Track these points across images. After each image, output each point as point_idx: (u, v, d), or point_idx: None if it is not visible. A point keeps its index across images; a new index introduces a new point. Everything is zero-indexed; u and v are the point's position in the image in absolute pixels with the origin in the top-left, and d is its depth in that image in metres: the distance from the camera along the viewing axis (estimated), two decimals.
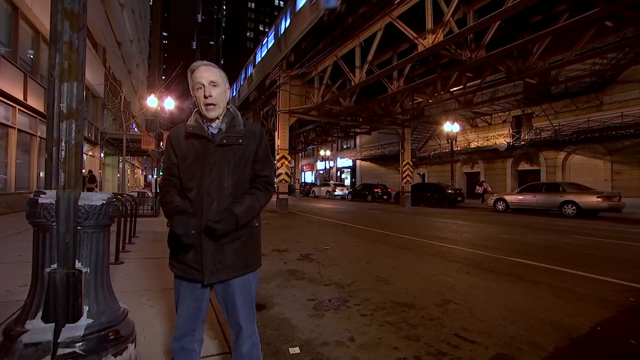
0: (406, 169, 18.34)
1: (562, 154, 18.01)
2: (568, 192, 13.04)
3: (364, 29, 10.42)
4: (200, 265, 1.34)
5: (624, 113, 15.26)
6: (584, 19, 6.99)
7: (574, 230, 8.67)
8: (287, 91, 15.17)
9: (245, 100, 23.93)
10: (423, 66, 12.19)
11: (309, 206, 18.05)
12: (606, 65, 11.86)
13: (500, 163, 21.01)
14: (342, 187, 29.64)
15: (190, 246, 1.34)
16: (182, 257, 1.37)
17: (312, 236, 7.53)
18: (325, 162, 40.25)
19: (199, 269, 1.34)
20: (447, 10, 7.56)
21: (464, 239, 7.20)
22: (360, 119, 17.92)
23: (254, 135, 1.46)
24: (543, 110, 18.62)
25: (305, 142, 29.37)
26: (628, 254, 5.68)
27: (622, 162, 15.78)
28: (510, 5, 6.69)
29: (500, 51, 8.46)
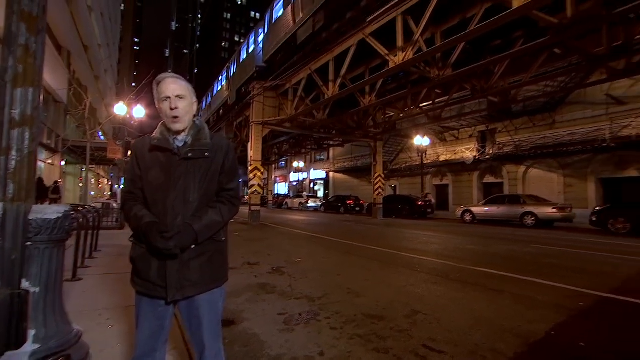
0: (378, 181, 18.70)
1: (522, 168, 19.10)
2: (528, 203, 13.81)
3: (338, 44, 10.68)
4: (164, 281, 1.29)
5: (573, 131, 16.53)
6: (535, 45, 7.59)
7: (533, 240, 9.15)
8: (261, 102, 15.14)
9: (218, 111, 23.63)
10: (394, 82, 12.62)
11: (281, 218, 17.89)
12: (557, 87, 12.85)
13: (467, 176, 21.93)
14: (315, 198, 29.66)
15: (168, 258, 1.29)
16: (145, 273, 1.32)
17: (284, 248, 7.45)
18: (298, 173, 40.24)
19: (162, 286, 1.29)
20: (417, 29, 7.92)
21: (433, 250, 7.40)
22: (334, 132, 18.16)
23: (221, 148, 1.44)
24: (505, 126, 19.76)
25: (279, 154, 29.30)
26: (579, 262, 6.06)
27: (573, 176, 17.00)
28: (473, 29, 7.13)
29: (465, 70, 8.96)
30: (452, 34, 8.15)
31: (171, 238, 1.25)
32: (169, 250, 1.25)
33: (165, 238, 1.25)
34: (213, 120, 25.28)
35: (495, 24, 6.69)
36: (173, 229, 1.28)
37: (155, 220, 1.30)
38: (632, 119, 14.66)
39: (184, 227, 1.28)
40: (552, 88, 13.39)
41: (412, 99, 13.34)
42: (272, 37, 14.77)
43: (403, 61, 8.30)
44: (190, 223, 1.30)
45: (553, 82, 12.64)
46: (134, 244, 1.37)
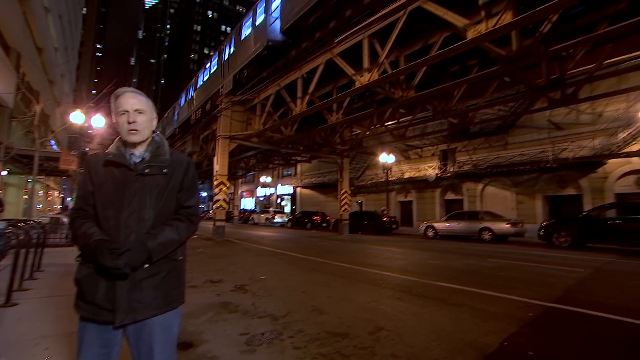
0: (345, 197, 18.94)
1: (480, 186, 20.22)
2: (485, 219, 14.57)
3: (307, 62, 10.89)
4: (112, 304, 1.21)
5: (522, 152, 17.90)
6: (488, 74, 8.25)
7: (490, 254, 9.62)
8: (228, 117, 14.96)
9: (185, 123, 22.94)
10: (361, 101, 13.03)
11: (247, 234, 17.48)
12: (508, 112, 13.93)
13: (431, 193, 22.82)
14: (282, 214, 29.39)
15: (117, 278, 1.21)
16: (91, 295, 1.22)
17: (249, 266, 7.27)
18: (266, 189, 39.80)
19: (110, 309, 1.21)
20: (382, 52, 8.30)
21: (397, 266, 7.55)
22: (301, 148, 18.27)
23: (181, 165, 1.40)
24: (464, 146, 20.95)
25: (246, 169, 28.88)
26: (529, 274, 6.45)
27: (524, 194, 18.29)
28: (434, 55, 7.61)
29: (427, 93, 9.46)
30: (415, 58, 8.62)
31: (121, 256, 1.18)
32: (118, 270, 1.18)
33: (115, 256, 1.17)
34: (179, 132, 24.50)
35: (453, 52, 7.16)
36: (125, 246, 1.21)
37: (105, 238, 1.23)
38: (569, 143, 16.19)
39: (136, 244, 1.22)
40: (504, 112, 14.49)
41: (378, 117, 13.81)
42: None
43: (369, 82, 8.63)
44: (144, 240, 1.24)
45: (505, 107, 13.68)
46: (80, 265, 1.28)
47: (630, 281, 6.00)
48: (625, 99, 13.85)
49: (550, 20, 6.64)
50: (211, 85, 17.47)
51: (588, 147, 15.51)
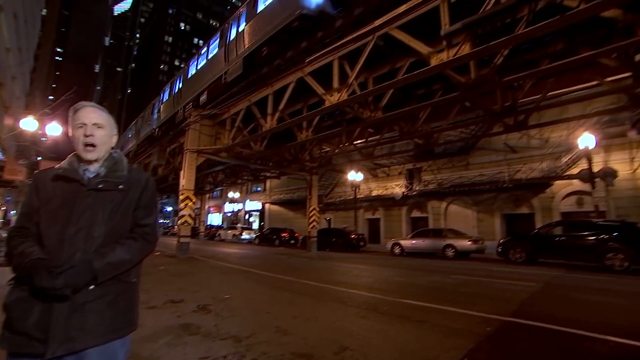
0: (313, 214, 18.95)
1: (444, 204, 21.06)
2: (449, 237, 15.13)
3: (278, 79, 11.02)
4: (44, 332, 1.06)
5: (482, 173, 19.00)
6: (450, 98, 8.81)
7: (453, 270, 9.96)
8: (197, 130, 14.65)
9: (150, 135, 22.04)
10: (331, 119, 13.29)
11: (213, 250, 16.88)
12: (469, 134, 14.82)
13: (397, 210, 23.40)
14: (249, 230, 28.79)
15: (55, 300, 1.07)
16: (19, 322, 1.08)
17: (213, 284, 7.01)
18: (233, 204, 38.92)
19: (42, 338, 1.06)
20: (351, 73, 8.60)
21: (363, 283, 7.60)
22: (270, 164, 18.19)
23: (139, 182, 1.35)
24: (429, 165, 21.85)
25: (214, 183, 28.17)
26: (488, 289, 6.74)
27: (483, 212, 19.29)
28: (400, 78, 8.01)
29: (394, 114, 9.88)
30: (383, 80, 9.01)
31: (61, 274, 1.05)
32: (56, 290, 1.05)
33: (53, 275, 1.05)
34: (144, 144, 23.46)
35: (417, 76, 7.59)
36: (67, 264, 1.10)
37: (44, 257, 1.12)
38: (522, 165, 17.44)
39: (80, 262, 1.12)
40: (466, 134, 15.38)
41: (346, 136, 14.12)
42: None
43: (338, 101, 8.87)
44: (89, 259, 1.14)
45: (466, 129, 14.53)
46: (12, 288, 1.14)
47: (575, 294, 6.45)
48: (566, 127, 15.24)
49: (502, 54, 7.25)
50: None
51: (537, 169, 16.76)
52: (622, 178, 14.11)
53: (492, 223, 18.85)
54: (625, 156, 14.60)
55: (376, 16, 7.77)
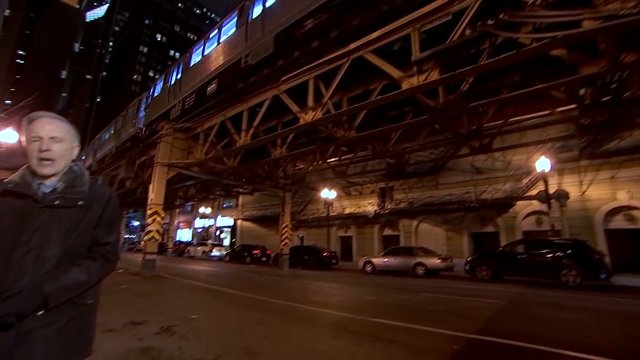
0: (285, 231, 18.77)
1: (415, 222, 21.55)
2: (419, 255, 15.44)
3: (254, 95, 11.07)
4: None
5: (450, 192, 19.74)
6: (420, 121, 9.21)
7: (422, 288, 10.12)
8: (169, 143, 14.29)
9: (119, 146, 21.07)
10: (305, 137, 13.42)
11: (181, 268, 16.19)
12: (439, 155, 15.47)
13: (369, 228, 23.65)
14: (220, 247, 27.95)
15: (2, 328, 0.98)
16: None
17: (179, 304, 6.71)
18: (204, 220, 37.81)
19: None
20: (326, 93, 8.82)
21: (334, 302, 7.55)
22: (244, 180, 17.98)
23: (100, 198, 1.28)
24: (401, 185, 22.42)
25: (184, 198, 27.30)
26: (456, 307, 6.91)
27: (452, 230, 19.91)
28: (373, 100, 8.31)
29: (367, 134, 10.16)
30: (357, 100, 9.29)
31: (6, 301, 0.98)
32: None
33: None
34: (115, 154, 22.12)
35: (389, 99, 7.92)
36: (13, 289, 1.01)
37: None
38: (487, 186, 18.31)
39: (28, 287, 1.03)
40: (435, 155, 16.01)
41: (320, 154, 14.28)
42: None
43: (312, 120, 9.02)
44: (39, 283, 1.05)
45: (436, 150, 15.14)
46: None
47: (536, 310, 6.75)
48: (525, 151, 16.25)
49: (468, 81, 7.72)
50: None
51: (501, 190, 17.65)
52: (573, 199, 15.16)
53: (460, 241, 19.46)
54: (575, 179, 15.78)
55: (351, 39, 8.07)
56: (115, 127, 21.83)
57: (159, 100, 15.96)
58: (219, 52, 12.12)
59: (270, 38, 9.60)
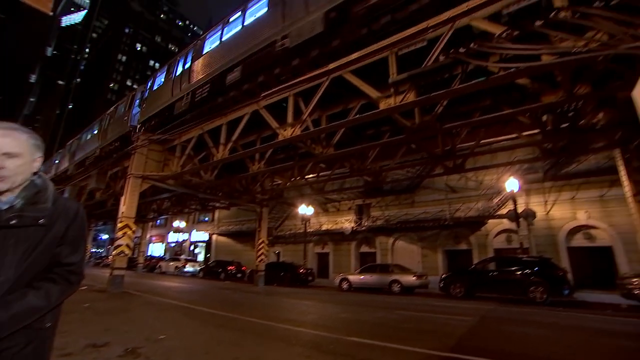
0: (261, 247, 18.49)
1: (391, 239, 21.79)
2: (395, 272, 15.55)
3: (233, 110, 11.06)
4: None
5: (426, 210, 20.21)
6: (397, 140, 9.54)
7: (398, 306, 10.17)
8: (144, 155, 13.92)
9: (77, 165, 20.24)
10: (284, 152, 13.47)
11: (151, 284, 15.49)
12: (415, 173, 15.89)
13: (346, 245, 23.67)
14: (194, 262, 27.10)
15: None
16: None
17: (147, 323, 6.40)
18: (178, 234, 36.60)
19: None
20: (305, 110, 8.95)
21: (309, 320, 7.44)
22: (220, 194, 17.69)
23: (66, 214, 1.19)
24: (378, 202, 22.73)
25: (158, 211, 26.39)
26: (430, 324, 6.98)
27: (427, 248, 20.28)
28: (351, 118, 8.53)
29: (345, 151, 10.34)
30: (335, 118, 9.48)
31: None
32: None
33: None
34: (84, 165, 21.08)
35: (367, 118, 8.15)
36: None
37: None
38: (461, 204, 18.91)
39: None
40: (411, 174, 16.42)
41: (298, 170, 14.34)
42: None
43: (291, 136, 9.11)
44: None
45: (412, 169, 15.54)
46: None
47: (506, 326, 6.94)
48: (496, 172, 17.03)
49: (442, 104, 8.10)
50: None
51: (474, 209, 18.26)
52: (539, 218, 15.94)
53: (435, 258, 19.80)
54: (541, 199, 16.62)
55: (331, 59, 8.30)
56: (100, 126, 19.76)
57: (159, 93, 14.33)
58: (244, 35, 10.96)
59: (318, 16, 8.35)
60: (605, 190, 14.84)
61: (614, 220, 14.63)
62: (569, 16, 5.09)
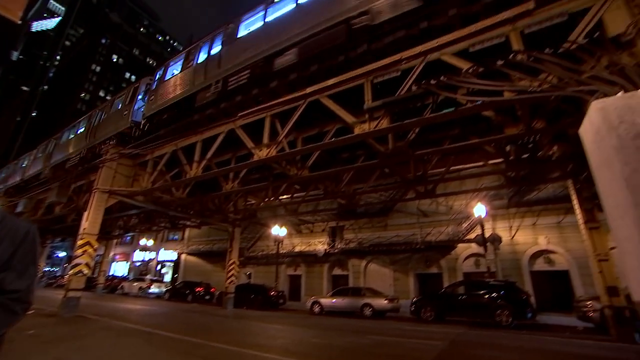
0: (232, 268, 17.95)
1: (363, 262, 21.81)
2: (367, 295, 15.48)
3: (209, 128, 10.98)
4: None
5: (398, 234, 20.52)
6: (371, 164, 9.78)
7: (369, 330, 10.09)
8: (112, 169, 13.37)
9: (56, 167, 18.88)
10: (258, 172, 13.38)
11: (111, 307, 14.52)
12: (388, 197, 16.24)
13: (319, 267, 23.43)
14: (160, 283, 25.82)
15: None
16: None
17: (103, 350, 5.97)
18: (145, 253, 34.82)
19: None
20: (282, 132, 9.04)
21: (278, 345, 7.23)
22: (192, 212, 17.18)
23: (14, 235, 1.11)
24: (351, 225, 22.85)
25: (125, 228, 25.14)
26: (400, 349, 6.95)
27: (399, 271, 20.45)
28: (327, 142, 8.69)
29: (319, 174, 10.47)
30: (311, 141, 9.62)
31: None
32: None
33: None
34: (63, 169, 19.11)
35: (342, 142, 8.36)
36: None
37: None
38: (432, 228, 19.40)
39: None
40: (385, 197, 16.75)
41: (273, 190, 14.27)
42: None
43: (266, 157, 9.14)
44: None
45: (385, 193, 15.88)
46: None
47: (475, 350, 7.06)
48: (465, 197, 17.72)
49: (414, 131, 8.45)
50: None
51: (444, 233, 18.76)
52: (505, 243, 16.61)
53: (406, 282, 19.96)
54: (506, 225, 17.38)
55: (309, 83, 8.53)
56: (89, 124, 17.32)
57: (174, 84, 12.37)
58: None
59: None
60: (562, 217, 15.75)
61: (569, 245, 15.50)
62: (524, 59, 5.58)
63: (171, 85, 12.65)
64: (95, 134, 16.11)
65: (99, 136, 15.89)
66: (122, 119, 14.43)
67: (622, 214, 3.71)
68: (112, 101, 16.55)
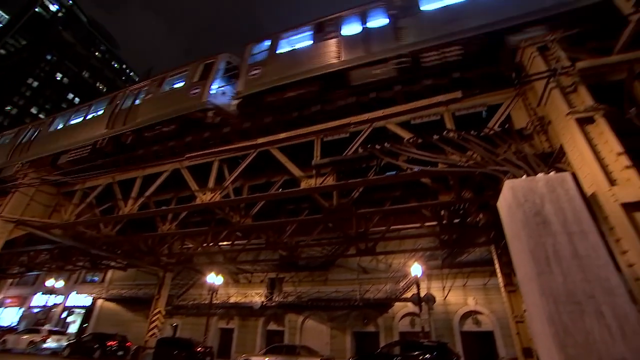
0: (156, 318, 16.18)
1: (301, 318, 20.89)
2: (302, 354, 14.64)
3: (153, 165, 10.50)
4: None
5: (338, 289, 20.29)
6: (315, 219, 9.98)
7: None
8: (27, 195, 11.83)
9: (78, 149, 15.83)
10: (199, 216, 12.80)
11: None
12: (330, 251, 16.35)
13: (254, 321, 21.90)
14: (61, 335, 21.81)
15: None
16: None
17: None
18: (49, 295, 29.75)
19: None
20: (229, 177, 8.95)
21: None
22: (119, 251, 15.57)
23: None
24: (291, 277, 22.16)
25: (28, 266, 21.55)
26: None
27: (337, 328, 19.84)
28: (273, 192, 8.77)
29: (263, 224, 10.36)
30: (258, 189, 9.61)
31: None
32: None
33: None
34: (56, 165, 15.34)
35: (289, 194, 8.48)
36: None
37: None
38: (371, 285, 19.55)
39: None
40: (326, 251, 16.82)
41: (213, 236, 13.64)
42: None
43: (210, 201, 8.88)
44: None
45: (328, 247, 15.98)
46: None
47: None
48: (403, 256, 18.44)
49: (358, 190, 8.90)
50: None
51: (383, 290, 18.98)
52: (438, 303, 17.23)
53: (344, 340, 19.34)
54: (440, 285, 18.16)
55: (261, 134, 8.75)
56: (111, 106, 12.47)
57: (301, 56, 8.88)
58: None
59: None
60: (487, 279, 16.94)
61: (493, 306, 16.51)
62: (455, 137, 6.39)
63: (295, 57, 9.01)
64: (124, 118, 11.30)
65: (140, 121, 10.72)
66: (183, 100, 10.11)
67: (529, 281, 4.16)
68: (162, 79, 11.72)
